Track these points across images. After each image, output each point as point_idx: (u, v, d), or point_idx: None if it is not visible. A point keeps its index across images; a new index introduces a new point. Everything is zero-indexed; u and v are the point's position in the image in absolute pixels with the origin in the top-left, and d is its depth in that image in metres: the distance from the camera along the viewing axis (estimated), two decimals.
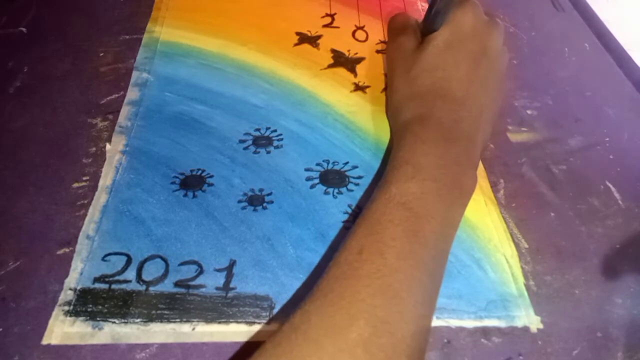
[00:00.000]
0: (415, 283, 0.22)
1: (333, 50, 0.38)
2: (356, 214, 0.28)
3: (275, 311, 0.25)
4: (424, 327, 0.22)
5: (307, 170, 0.31)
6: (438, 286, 0.24)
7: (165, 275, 0.25)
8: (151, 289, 0.25)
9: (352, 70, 0.37)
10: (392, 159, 0.27)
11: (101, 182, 0.29)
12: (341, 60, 0.38)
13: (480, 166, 0.32)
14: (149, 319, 0.24)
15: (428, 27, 0.31)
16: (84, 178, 0.29)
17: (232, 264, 0.26)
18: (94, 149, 0.30)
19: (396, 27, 0.34)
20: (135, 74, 0.35)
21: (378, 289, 0.21)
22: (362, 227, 0.23)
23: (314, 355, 0.19)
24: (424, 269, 0.22)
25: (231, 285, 0.25)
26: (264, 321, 0.24)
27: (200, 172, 0.30)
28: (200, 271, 0.26)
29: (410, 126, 0.28)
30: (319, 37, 0.39)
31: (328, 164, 0.31)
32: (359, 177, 0.30)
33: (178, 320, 0.24)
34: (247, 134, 0.32)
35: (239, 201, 0.29)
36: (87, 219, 0.27)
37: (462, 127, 0.28)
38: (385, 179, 0.26)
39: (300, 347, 0.19)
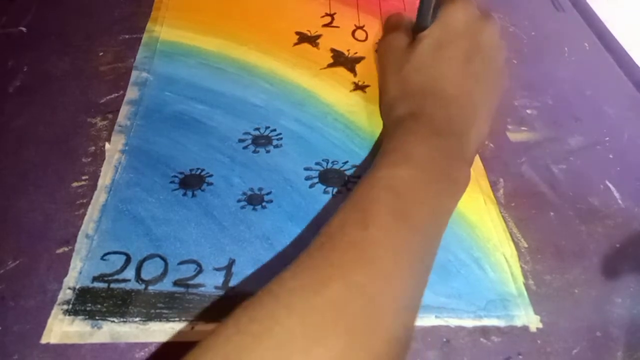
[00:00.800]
0: (400, 257, 0.21)
1: (333, 50, 0.38)
2: None
3: None
4: (407, 303, 0.21)
5: (306, 169, 0.31)
6: (427, 272, 0.23)
7: (164, 274, 0.25)
8: (150, 288, 0.25)
9: (352, 70, 0.37)
10: (381, 150, 0.27)
11: (100, 182, 0.29)
12: (341, 60, 0.38)
13: (480, 165, 0.32)
14: (148, 318, 0.24)
15: (420, 25, 0.31)
16: (84, 177, 0.29)
17: (231, 263, 0.26)
18: (93, 148, 0.31)
19: (388, 26, 0.34)
20: (134, 74, 0.35)
21: (356, 257, 0.20)
22: (346, 204, 0.23)
23: (282, 315, 0.19)
24: (410, 248, 0.22)
25: (230, 285, 0.25)
26: None
27: (199, 171, 0.30)
28: (200, 270, 0.26)
29: (402, 121, 0.28)
30: (319, 36, 0.39)
31: (327, 163, 0.31)
32: (359, 177, 0.30)
33: (177, 319, 0.24)
34: (246, 133, 0.32)
35: (239, 200, 0.29)
36: (86, 218, 0.27)
37: (454, 123, 0.28)
38: (372, 166, 0.25)
39: (269, 307, 0.19)
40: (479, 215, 0.30)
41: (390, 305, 0.20)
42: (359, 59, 0.38)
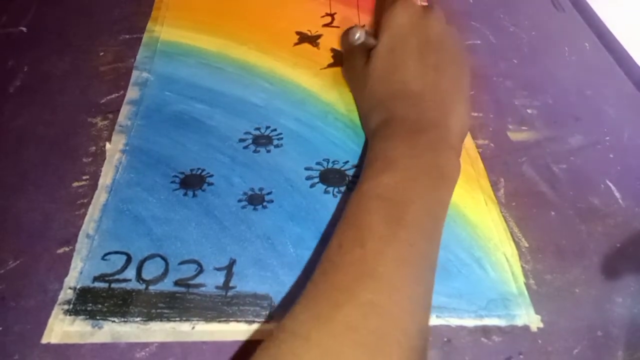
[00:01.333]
0: (403, 262, 0.21)
1: (333, 50, 0.38)
2: None
3: (275, 310, 0.25)
4: (419, 307, 0.21)
5: (307, 169, 0.31)
6: (433, 265, 0.23)
7: (165, 274, 0.25)
8: (151, 288, 0.25)
9: None
10: (364, 163, 0.27)
11: (101, 181, 0.29)
12: (341, 60, 0.38)
13: (481, 165, 0.32)
14: (149, 317, 0.24)
15: (371, 41, 0.32)
16: (84, 177, 0.29)
17: (232, 263, 0.26)
18: (93, 148, 0.30)
19: (345, 48, 0.36)
20: (135, 74, 0.35)
21: (360, 274, 0.20)
22: (341, 224, 0.24)
23: (302, 347, 0.19)
24: (411, 248, 0.22)
25: (231, 284, 0.25)
26: (264, 320, 0.24)
27: (200, 171, 0.30)
28: (200, 270, 0.26)
29: (378, 130, 0.29)
30: (319, 36, 0.39)
31: (328, 163, 0.31)
32: (359, 177, 0.30)
33: (178, 319, 0.24)
34: (247, 133, 0.32)
35: (239, 200, 0.29)
36: (87, 218, 0.27)
37: (427, 116, 0.28)
38: (359, 180, 0.26)
39: (288, 343, 0.19)
40: (480, 215, 0.30)
41: (402, 314, 0.20)
42: None
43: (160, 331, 0.24)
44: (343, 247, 0.22)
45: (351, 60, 0.34)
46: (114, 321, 0.24)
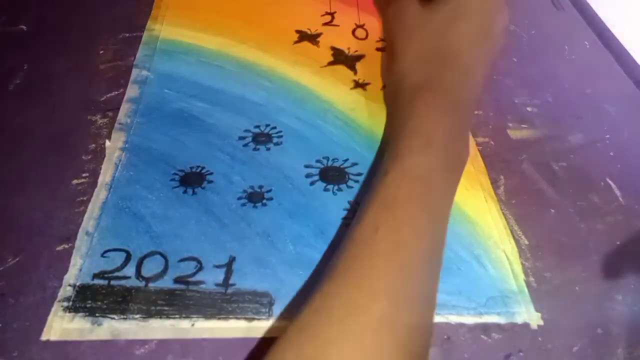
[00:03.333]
0: (429, 259, 0.22)
1: (333, 48, 0.38)
2: (356, 211, 0.28)
3: (274, 307, 0.25)
4: (433, 304, 0.22)
5: (306, 167, 0.31)
6: (441, 259, 0.23)
7: (164, 271, 0.25)
8: (150, 285, 0.25)
9: (352, 68, 0.37)
10: (399, 126, 0.26)
11: (101, 179, 0.29)
12: (341, 58, 0.38)
13: (481, 162, 0.32)
14: (148, 315, 0.24)
15: None
16: (84, 175, 0.29)
17: (232, 260, 0.26)
18: (93, 145, 0.30)
19: None
20: (135, 72, 0.35)
21: (396, 266, 0.20)
22: (377, 202, 0.23)
23: (340, 337, 0.18)
24: (435, 242, 0.22)
25: (230, 282, 0.25)
26: (264, 317, 0.24)
27: (199, 169, 0.30)
28: (200, 267, 0.26)
29: (420, 92, 0.27)
30: (319, 35, 0.39)
31: (328, 160, 0.31)
32: (359, 174, 0.30)
33: (177, 316, 0.24)
34: (246, 131, 0.32)
35: (239, 198, 0.29)
36: (86, 215, 0.27)
37: (469, 97, 0.27)
38: (397, 150, 0.25)
39: (324, 329, 0.19)
40: (480, 212, 0.29)
41: (425, 308, 0.21)
42: (359, 57, 0.38)
43: (160, 328, 0.24)
44: (380, 230, 0.21)
45: (403, 3, 0.31)
46: (113, 318, 0.24)
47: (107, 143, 0.31)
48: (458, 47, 0.28)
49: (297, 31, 0.39)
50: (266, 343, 0.23)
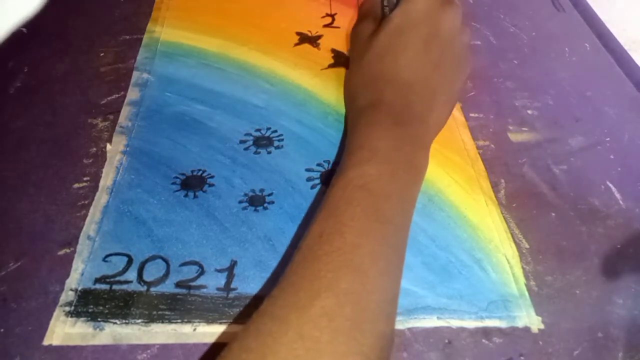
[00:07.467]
0: (378, 256, 0.22)
1: (333, 50, 0.38)
2: None
3: None
4: (389, 298, 0.22)
5: (307, 170, 0.31)
6: (402, 259, 0.24)
7: (166, 275, 0.25)
8: (152, 289, 0.25)
9: None
10: (347, 145, 0.27)
11: (102, 183, 0.29)
12: (342, 60, 0.38)
13: (481, 166, 0.32)
14: (150, 319, 0.24)
15: (385, 13, 0.31)
16: (85, 178, 0.29)
17: (233, 264, 0.26)
18: (94, 149, 0.30)
19: (360, 13, 0.34)
20: (135, 74, 0.35)
21: (339, 265, 0.21)
22: (322, 212, 0.24)
23: (280, 331, 0.19)
24: (385, 243, 0.23)
25: (232, 286, 0.25)
26: None
27: (201, 172, 0.30)
28: (201, 272, 0.26)
29: (364, 112, 0.29)
30: (320, 37, 0.39)
31: (329, 164, 0.31)
32: None
33: (179, 320, 0.24)
34: (247, 134, 0.32)
35: (240, 201, 0.29)
36: (87, 219, 0.27)
37: (413, 110, 0.28)
38: (342, 164, 0.26)
39: (266, 326, 0.20)
40: (480, 216, 0.30)
41: (374, 304, 0.21)
42: None
43: (162, 333, 0.24)
44: (323, 236, 0.22)
45: (361, 25, 0.33)
46: (115, 323, 0.24)
47: (108, 146, 0.31)
48: (394, 67, 0.30)
49: (298, 33, 0.39)
50: None
